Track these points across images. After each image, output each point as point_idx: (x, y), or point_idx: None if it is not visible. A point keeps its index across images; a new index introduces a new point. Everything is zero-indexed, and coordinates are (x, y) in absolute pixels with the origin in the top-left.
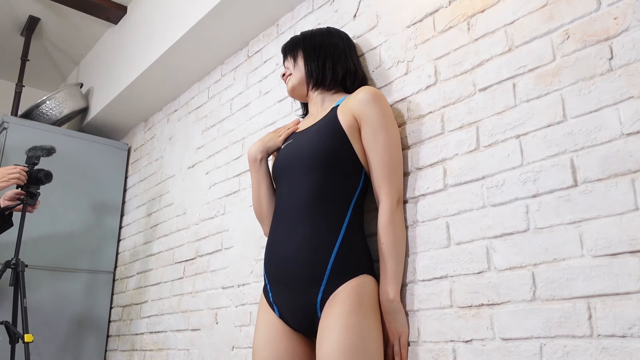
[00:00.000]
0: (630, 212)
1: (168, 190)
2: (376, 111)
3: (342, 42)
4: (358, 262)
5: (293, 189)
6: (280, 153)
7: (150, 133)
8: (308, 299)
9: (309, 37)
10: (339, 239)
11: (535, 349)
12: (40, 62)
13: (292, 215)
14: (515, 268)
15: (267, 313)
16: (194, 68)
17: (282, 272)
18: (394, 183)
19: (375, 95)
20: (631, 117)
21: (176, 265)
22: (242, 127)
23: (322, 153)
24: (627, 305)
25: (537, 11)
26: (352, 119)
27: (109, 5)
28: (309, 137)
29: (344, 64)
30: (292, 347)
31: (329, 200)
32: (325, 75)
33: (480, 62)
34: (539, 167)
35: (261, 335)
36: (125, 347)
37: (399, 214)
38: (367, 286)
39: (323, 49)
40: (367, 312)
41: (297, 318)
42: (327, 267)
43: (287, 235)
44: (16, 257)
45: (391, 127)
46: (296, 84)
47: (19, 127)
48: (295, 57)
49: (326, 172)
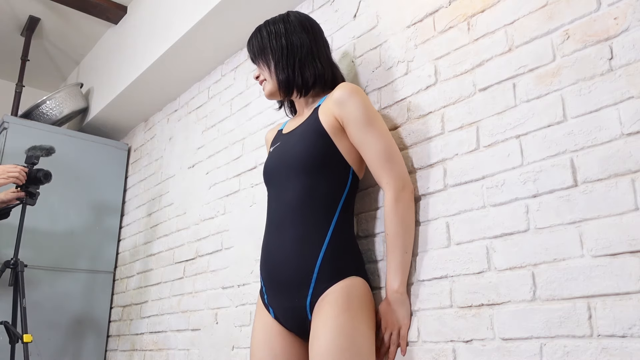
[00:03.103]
0: (630, 212)
1: (168, 190)
2: (355, 107)
3: (308, 37)
4: (347, 264)
5: (282, 192)
6: (269, 156)
7: (150, 133)
8: (298, 302)
9: (275, 37)
10: (325, 241)
11: (535, 349)
12: (40, 62)
13: (281, 219)
14: (515, 268)
15: (263, 314)
16: (194, 68)
17: (273, 275)
18: (393, 170)
19: (351, 91)
20: (631, 117)
21: (176, 265)
22: (242, 127)
23: (307, 156)
24: (627, 305)
25: (537, 11)
26: (334, 120)
27: (109, 5)
28: (295, 139)
29: (312, 67)
30: (287, 347)
31: (316, 203)
32: (296, 85)
33: (480, 62)
34: (539, 167)
35: (258, 336)
36: (125, 347)
37: (405, 200)
38: (356, 288)
39: (291, 54)
40: (356, 313)
41: (289, 320)
42: (314, 270)
43: (278, 238)
44: (15, 257)
45: (375, 117)
46: (273, 91)
47: (19, 127)
48: (267, 63)
49: (312, 174)
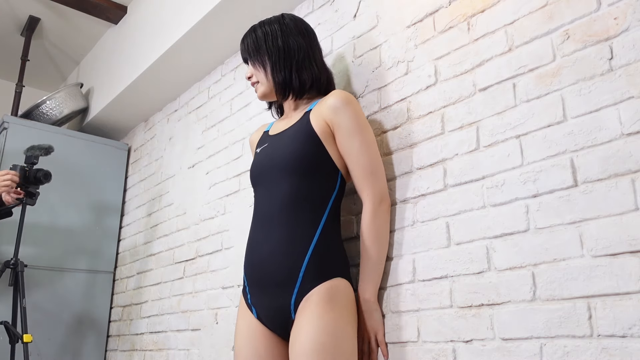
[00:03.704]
0: (630, 212)
1: (168, 190)
2: (348, 116)
3: (305, 40)
4: (332, 265)
5: (270, 193)
6: (257, 157)
7: (150, 133)
8: (282, 301)
9: (271, 38)
10: (313, 241)
11: (535, 349)
12: (40, 62)
13: (269, 219)
14: (515, 268)
15: (246, 314)
16: (194, 68)
17: (258, 274)
18: (375, 184)
19: (345, 100)
20: (631, 117)
21: (176, 265)
22: (242, 127)
23: (298, 158)
24: (627, 305)
25: (537, 11)
26: (325, 125)
27: (109, 5)
28: (284, 141)
29: (309, 70)
30: (270, 348)
31: (304, 204)
32: (293, 87)
33: (480, 62)
34: (539, 167)
35: (241, 336)
36: (125, 347)
37: (381, 215)
38: (340, 289)
39: (288, 56)
40: (340, 313)
41: (272, 319)
42: (300, 269)
43: (264, 238)
44: (15, 257)
45: (365, 129)
46: (267, 93)
47: (19, 127)
48: (262, 63)
49: (302, 176)
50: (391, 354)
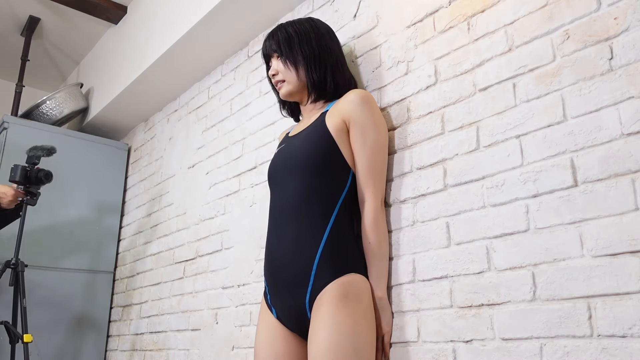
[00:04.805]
0: (630, 212)
1: (168, 190)
2: (366, 112)
3: (335, 45)
4: (346, 261)
5: (284, 193)
6: (273, 158)
7: (150, 133)
8: (297, 300)
9: (304, 38)
10: (323, 239)
11: (535, 349)
12: (40, 62)
13: (283, 219)
14: (515, 268)
15: (266, 315)
16: (194, 68)
17: (275, 274)
18: (378, 184)
19: (365, 97)
20: (631, 117)
21: (176, 265)
22: (242, 127)
23: (309, 157)
24: (627, 305)
25: (537, 11)
26: (341, 122)
27: (109, 5)
28: (299, 141)
29: (342, 75)
30: (290, 348)
31: (315, 202)
32: (327, 89)
33: (480, 62)
34: (539, 167)
35: (261, 336)
36: (125, 347)
37: (382, 214)
38: (354, 284)
39: (323, 58)
40: (354, 310)
41: (290, 319)
42: (312, 268)
43: (279, 238)
44: (16, 257)
45: (380, 128)
46: (294, 91)
47: (19, 127)
48: (294, 62)
49: (313, 175)
50: (391, 354)
